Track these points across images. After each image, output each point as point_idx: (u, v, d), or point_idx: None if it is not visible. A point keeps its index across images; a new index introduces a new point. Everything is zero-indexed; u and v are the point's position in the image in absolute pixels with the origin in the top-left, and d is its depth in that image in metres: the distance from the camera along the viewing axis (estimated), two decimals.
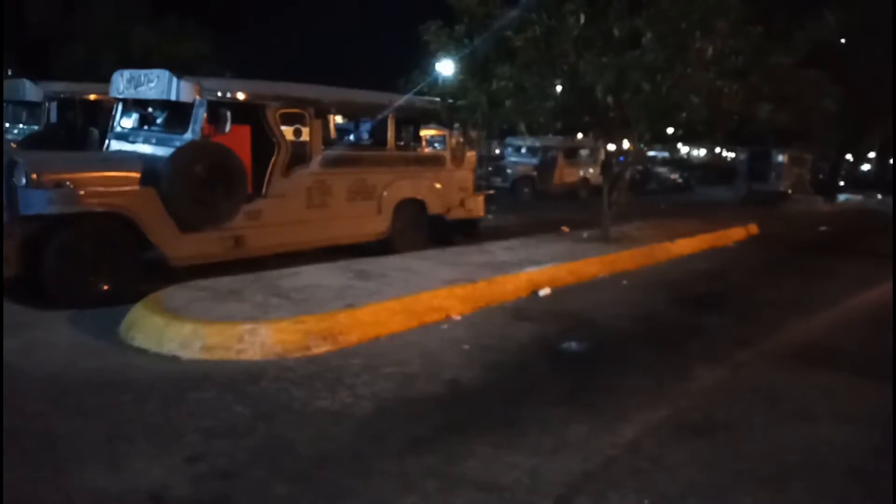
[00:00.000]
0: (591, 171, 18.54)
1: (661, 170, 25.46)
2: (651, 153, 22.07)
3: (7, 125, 9.60)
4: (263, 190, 6.37)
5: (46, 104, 9.04)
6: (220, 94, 6.05)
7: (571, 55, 7.71)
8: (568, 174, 18.53)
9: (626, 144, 9.23)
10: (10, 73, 16.09)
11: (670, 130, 9.31)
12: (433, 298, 5.34)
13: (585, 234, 8.98)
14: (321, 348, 4.37)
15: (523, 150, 18.99)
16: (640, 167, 19.90)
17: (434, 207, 8.20)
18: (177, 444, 3.12)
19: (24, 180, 5.03)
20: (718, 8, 7.32)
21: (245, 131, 6.25)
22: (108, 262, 5.30)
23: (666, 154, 31.06)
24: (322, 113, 7.13)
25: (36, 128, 8.61)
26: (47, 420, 3.29)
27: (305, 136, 6.93)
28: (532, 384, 4.13)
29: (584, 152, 18.76)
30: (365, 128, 8.62)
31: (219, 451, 3.08)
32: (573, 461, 3.14)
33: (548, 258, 7.18)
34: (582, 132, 12.51)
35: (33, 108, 9.22)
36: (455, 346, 4.71)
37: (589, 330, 5.31)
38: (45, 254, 5.02)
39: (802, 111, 8.66)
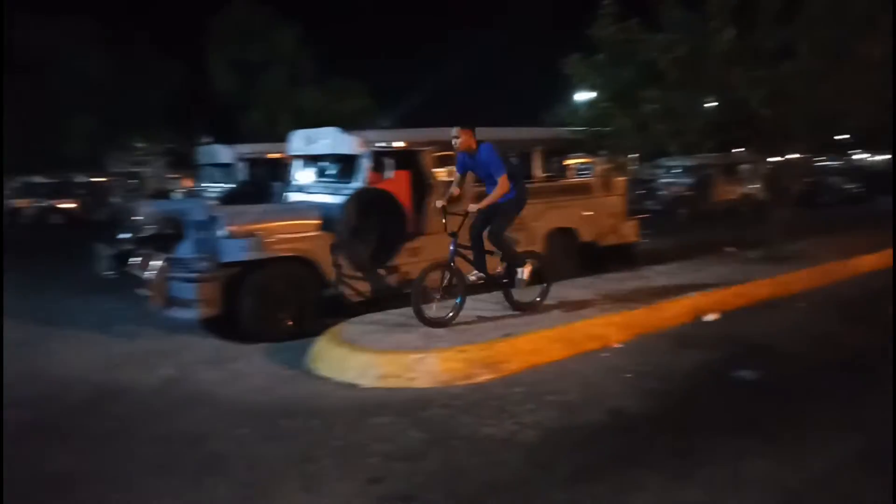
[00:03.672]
0: (752, 186, 17.28)
1: (834, 180, 23.03)
2: (821, 162, 20.12)
3: (207, 184, 11.10)
4: (423, 228, 6.79)
5: (237, 164, 10.37)
6: (381, 144, 6.61)
7: (721, 71, 7.42)
8: (726, 192, 17.44)
9: (789, 155, 8.59)
10: (207, 139, 18.61)
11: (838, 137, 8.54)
12: (591, 326, 5.34)
13: (752, 254, 8.42)
14: (484, 376, 4.55)
15: (676, 171, 18.24)
16: (809, 179, 18.19)
17: (585, 235, 8.17)
18: (360, 465, 3.40)
19: (223, 232, 5.81)
20: (880, 5, 6.71)
21: (405, 176, 6.74)
22: (294, 300, 5.94)
23: (839, 163, 28.06)
24: None
25: (230, 185, 9.87)
26: (249, 443, 3.71)
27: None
28: (702, 414, 3.98)
29: (743, 168, 17.60)
30: (513, 162, 8.84)
31: (398, 473, 3.31)
32: (752, 498, 2.98)
33: (712, 281, 6.85)
34: (738, 147, 11.82)
35: (226, 169, 10.60)
36: (616, 375, 4.66)
37: (763, 356, 4.98)
38: (241, 295, 5.75)
39: None
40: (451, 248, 5.46)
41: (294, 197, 7.37)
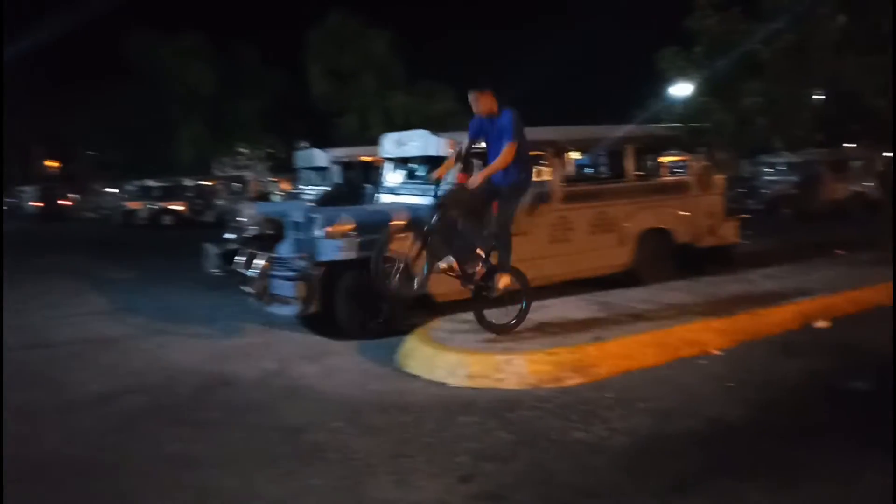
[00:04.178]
0: (864, 184, 16.04)
1: None
2: None
3: (304, 187, 11.62)
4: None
5: (332, 168, 10.79)
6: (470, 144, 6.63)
7: (831, 60, 6.95)
8: (836, 190, 16.27)
9: None
10: (304, 144, 19.57)
11: None
12: (687, 331, 5.14)
13: (866, 257, 7.82)
14: (573, 380, 4.49)
15: (780, 168, 17.21)
16: None
17: (681, 236, 7.88)
18: (450, 463, 3.44)
19: (320, 233, 6.06)
20: None
21: None
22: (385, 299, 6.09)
23: None
24: (560, 151, 7.38)
25: (325, 188, 10.28)
26: (345, 436, 3.84)
27: (547, 175, 7.23)
28: (808, 425, 3.74)
29: (854, 164, 16.36)
30: (603, 161, 8.68)
31: (487, 473, 3.33)
32: None
33: (820, 285, 6.42)
34: (848, 142, 11.03)
35: (323, 172, 11.06)
36: (714, 382, 4.47)
37: (878, 367, 4.62)
38: (337, 293, 5.97)
39: None
40: (436, 217, 4.85)
41: (385, 198, 7.57)
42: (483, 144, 5.27)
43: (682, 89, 10.02)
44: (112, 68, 28.12)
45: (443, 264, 5.05)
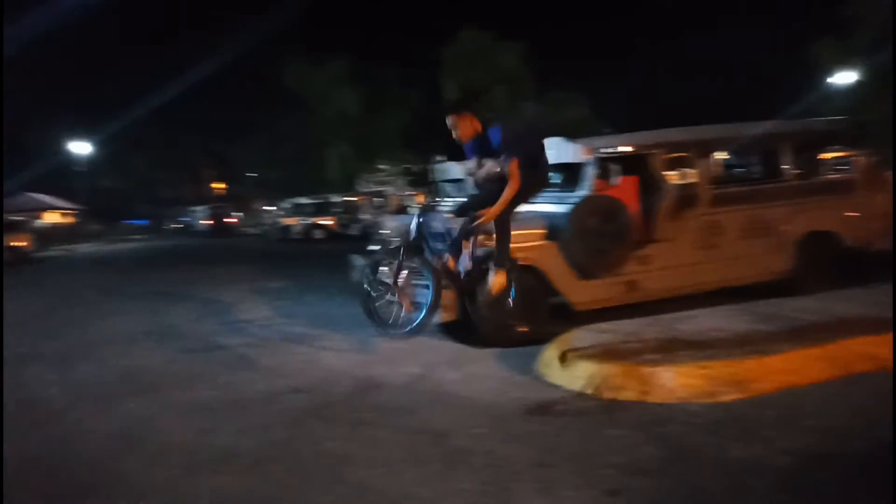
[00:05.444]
0: None
1: None
2: None
3: (443, 200, 11.96)
4: (654, 235, 6.54)
5: (468, 179, 11.02)
6: (607, 150, 6.51)
7: None
8: None
9: None
10: (440, 158, 20.22)
11: None
12: (862, 345, 4.64)
13: None
14: (729, 396, 4.22)
15: None
16: None
17: (848, 239, 7.14)
18: (596, 475, 3.38)
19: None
20: None
21: (633, 181, 6.56)
22: (524, 307, 6.12)
23: None
24: (706, 152, 7.00)
25: (461, 199, 10.49)
26: (489, 442, 3.90)
27: (692, 177, 6.89)
28: None
29: None
30: (756, 160, 8.10)
31: (635, 488, 3.24)
32: None
33: None
34: None
35: (458, 184, 11.32)
36: (891, 401, 3.99)
37: None
38: (476, 301, 6.08)
39: None
40: (415, 222, 4.58)
41: (520, 208, 7.58)
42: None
43: (844, 78, 9.14)
44: (270, 97, 30.87)
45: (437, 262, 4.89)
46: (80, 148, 40.40)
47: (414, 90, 29.15)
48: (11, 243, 21.02)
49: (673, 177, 6.90)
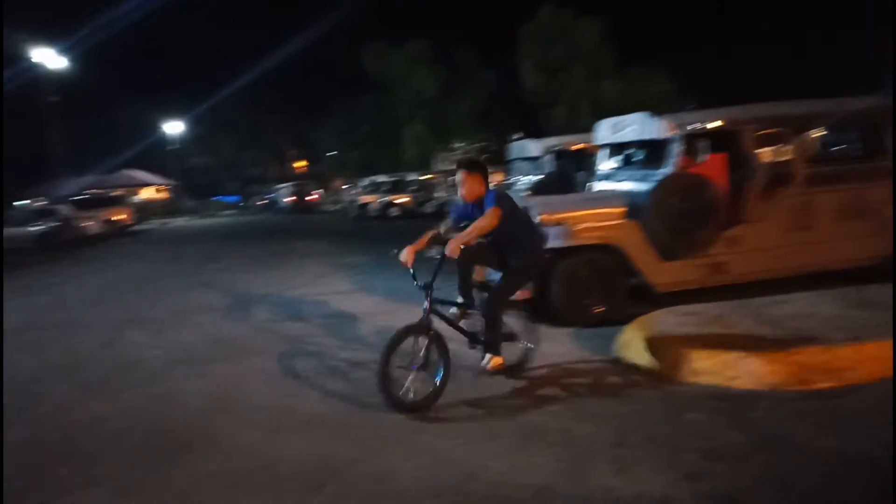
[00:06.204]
0: None
1: None
2: None
3: (519, 177, 11.90)
4: (743, 215, 6.25)
5: (544, 157, 10.90)
6: (694, 126, 6.24)
7: None
8: None
9: None
10: (517, 135, 20.10)
11: None
12: None
13: None
14: (822, 383, 4.01)
15: None
16: None
17: None
18: (675, 459, 3.31)
19: (535, 221, 6.15)
20: None
21: (722, 159, 6.27)
22: (601, 287, 6.01)
23: None
24: (802, 129, 6.58)
25: (539, 177, 10.42)
26: (564, 420, 3.88)
27: (786, 155, 6.51)
28: None
29: None
30: (856, 137, 7.55)
31: (717, 473, 3.15)
32: None
33: None
34: None
35: (535, 161, 11.22)
36: None
37: None
38: (551, 281, 6.03)
39: None
40: (425, 305, 4.38)
41: (600, 186, 7.43)
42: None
43: None
44: (350, 79, 31.45)
45: (453, 309, 4.70)
46: (174, 127, 42.63)
47: (490, 70, 28.94)
48: (112, 217, 22.71)
49: (765, 154, 6.53)
